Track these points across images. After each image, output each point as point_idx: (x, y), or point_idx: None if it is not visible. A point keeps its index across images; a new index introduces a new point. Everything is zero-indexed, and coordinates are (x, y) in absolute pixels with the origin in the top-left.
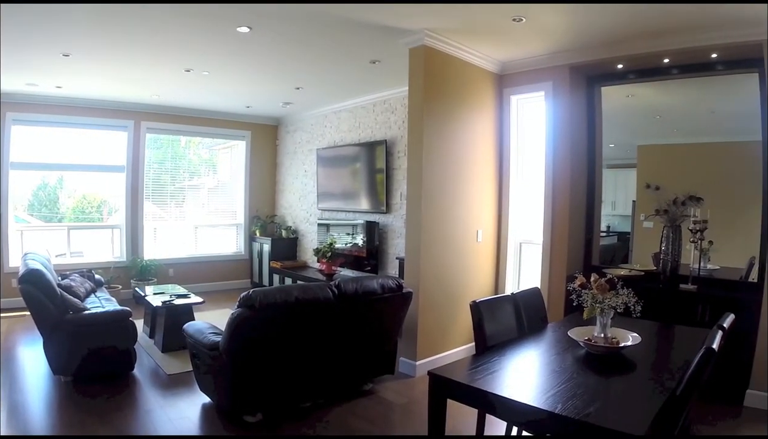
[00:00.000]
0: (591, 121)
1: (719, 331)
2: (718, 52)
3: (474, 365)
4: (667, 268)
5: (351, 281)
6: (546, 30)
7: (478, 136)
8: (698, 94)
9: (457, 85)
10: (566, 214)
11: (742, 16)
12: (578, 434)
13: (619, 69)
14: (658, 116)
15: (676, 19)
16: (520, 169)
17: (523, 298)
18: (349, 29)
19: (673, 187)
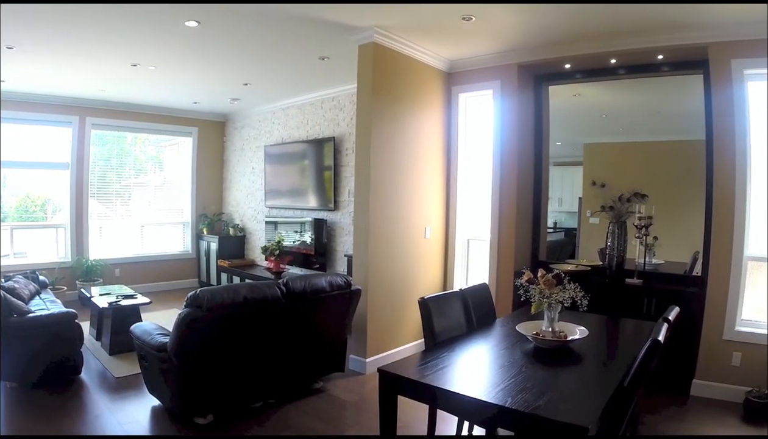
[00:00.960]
0: (538, 119)
1: (665, 323)
2: (664, 54)
3: (423, 361)
4: (613, 263)
5: (299, 279)
6: (495, 29)
7: (426, 133)
8: (644, 95)
9: (406, 82)
10: (513, 210)
11: (687, 20)
12: (528, 426)
13: (566, 69)
14: (605, 115)
15: (623, 21)
16: (468, 167)
17: (471, 294)
18: (299, 25)
19: (618, 185)
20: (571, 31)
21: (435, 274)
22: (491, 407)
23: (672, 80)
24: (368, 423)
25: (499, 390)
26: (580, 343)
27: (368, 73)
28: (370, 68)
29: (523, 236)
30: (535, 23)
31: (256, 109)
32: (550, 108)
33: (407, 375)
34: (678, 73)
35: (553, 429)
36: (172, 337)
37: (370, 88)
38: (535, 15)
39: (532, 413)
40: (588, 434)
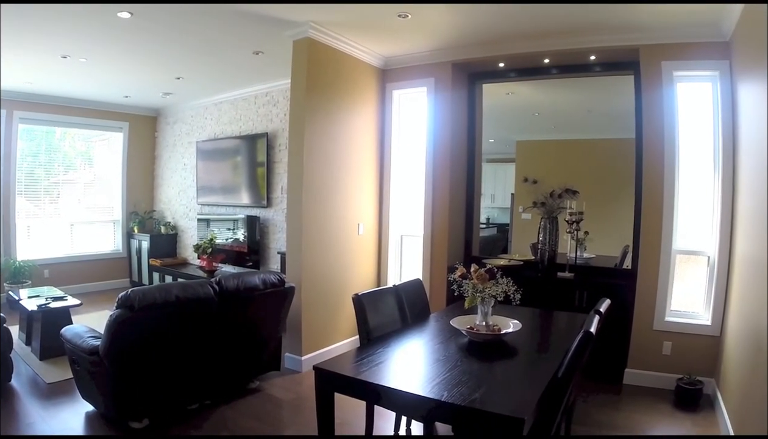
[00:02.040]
0: (471, 117)
1: (596, 315)
2: (596, 55)
3: (359, 357)
4: (545, 257)
5: (232, 277)
6: (430, 27)
7: (360, 130)
8: (576, 94)
9: (341, 78)
10: (446, 207)
11: (619, 22)
12: (465, 419)
13: (500, 67)
14: (537, 113)
15: (556, 22)
16: (401, 163)
17: (405, 289)
18: (233, 18)
19: (550, 181)
20: (505, 30)
21: (369, 270)
22: (428, 401)
23: (604, 80)
24: (306, 422)
25: (435, 384)
26: (513, 336)
27: (302, 69)
28: (304, 64)
29: (456, 232)
30: (470, 22)
31: (189, 104)
32: (484, 106)
33: (343, 372)
34: (610, 74)
35: (490, 421)
36: (104, 339)
37: (304, 83)
38: (470, 14)
39: (468, 406)
40: (524, 425)
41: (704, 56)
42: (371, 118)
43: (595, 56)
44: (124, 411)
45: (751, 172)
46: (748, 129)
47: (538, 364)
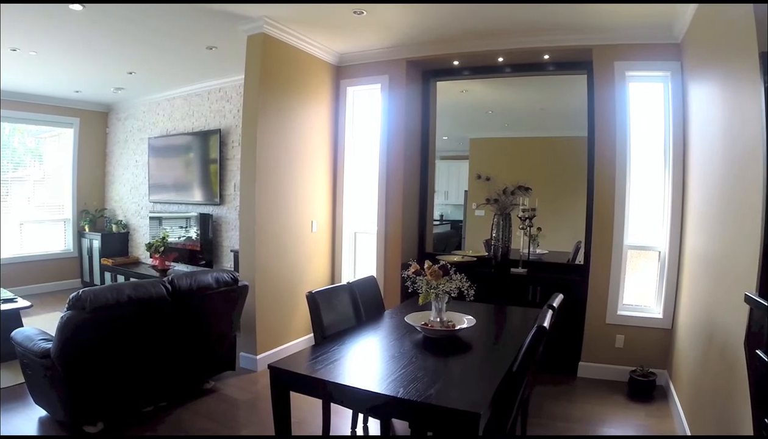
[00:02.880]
0: (425, 114)
1: (549, 310)
2: (550, 54)
3: (314, 355)
4: (499, 253)
5: (185, 276)
6: (386, 24)
7: (313, 127)
8: (530, 92)
9: (295, 75)
10: (400, 203)
11: (573, 22)
12: (422, 415)
13: (455, 65)
14: (491, 111)
15: (511, 22)
16: (355, 160)
17: (359, 286)
18: (187, 12)
19: (503, 178)
20: (460, 29)
21: (323, 267)
22: (384, 398)
23: (557, 79)
24: (262, 421)
25: (390, 381)
26: (468, 331)
27: (256, 65)
28: (258, 59)
29: (410, 229)
30: (425, 20)
31: (141, 99)
32: (438, 103)
33: (298, 371)
34: (563, 73)
35: (446, 416)
36: (55, 342)
37: (257, 79)
38: (425, 12)
39: (424, 401)
40: (480, 420)
41: (656, 57)
42: (325, 114)
43: (548, 56)
44: (78, 415)
45: (700, 170)
46: (697, 128)
47: (493, 359)
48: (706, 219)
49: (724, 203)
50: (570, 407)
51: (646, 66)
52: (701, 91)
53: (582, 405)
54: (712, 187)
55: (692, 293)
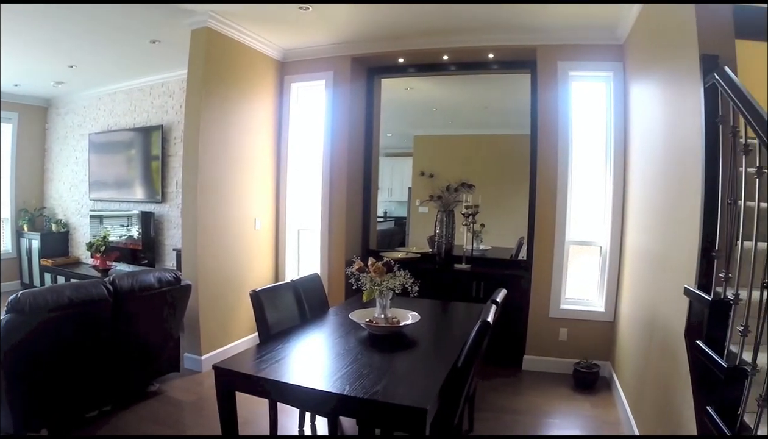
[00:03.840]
0: (370, 111)
1: (493, 305)
2: (494, 53)
3: (259, 354)
4: (442, 250)
5: (126, 276)
6: (331, 20)
7: (257, 123)
8: (474, 90)
9: (239, 70)
10: (344, 200)
11: (517, 22)
12: (369, 412)
13: (400, 63)
14: (435, 109)
15: (456, 20)
16: (299, 157)
17: (303, 284)
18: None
19: (446, 175)
20: (405, 26)
21: (266, 266)
22: (330, 396)
23: (501, 78)
24: (208, 423)
25: (336, 379)
26: (413, 328)
27: (200, 60)
28: (202, 54)
29: (354, 226)
30: (371, 17)
31: (82, 94)
32: (383, 100)
33: (243, 370)
34: (507, 72)
35: (393, 413)
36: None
37: (200, 74)
38: (371, 9)
39: (371, 398)
40: (427, 415)
41: (599, 58)
42: (269, 110)
43: (493, 54)
44: (20, 422)
45: (641, 168)
46: (638, 128)
47: (438, 354)
48: (646, 215)
49: (665, 200)
50: (516, 399)
51: (589, 66)
52: (643, 92)
53: (528, 397)
54: (652, 185)
55: (633, 286)
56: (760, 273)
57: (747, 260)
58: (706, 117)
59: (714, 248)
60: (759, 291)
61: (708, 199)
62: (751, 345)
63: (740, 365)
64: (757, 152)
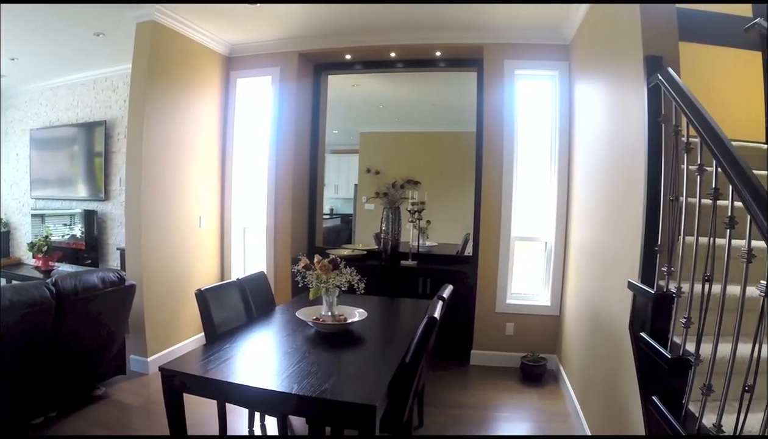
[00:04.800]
0: (316, 107)
1: (440, 301)
2: (441, 51)
3: (206, 355)
4: (389, 246)
5: (69, 276)
6: (279, 16)
7: (202, 119)
8: (421, 87)
9: (184, 65)
10: (290, 197)
11: (464, 21)
12: (318, 411)
13: (347, 59)
14: (382, 106)
15: (403, 18)
16: (244, 154)
17: (249, 282)
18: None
19: (392, 172)
20: (353, 23)
21: (212, 264)
22: (279, 395)
23: (448, 75)
24: (157, 426)
25: (284, 378)
26: (360, 325)
27: (145, 53)
28: (147, 48)
29: (300, 223)
30: (319, 13)
31: (22, 88)
32: (329, 97)
33: (190, 372)
34: (454, 70)
35: (342, 410)
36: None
37: (145, 69)
38: (319, 5)
39: (319, 397)
40: (376, 412)
41: (546, 57)
42: (214, 106)
43: (440, 52)
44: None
45: (586, 166)
46: (582, 126)
47: (386, 351)
48: (591, 211)
49: (609, 197)
50: (464, 394)
51: (536, 65)
52: (588, 91)
53: (476, 392)
54: (597, 182)
55: (578, 281)
56: (701, 267)
57: (689, 254)
58: (650, 116)
59: (657, 242)
60: (701, 284)
61: (651, 195)
62: (693, 336)
63: (684, 356)
64: (698, 150)
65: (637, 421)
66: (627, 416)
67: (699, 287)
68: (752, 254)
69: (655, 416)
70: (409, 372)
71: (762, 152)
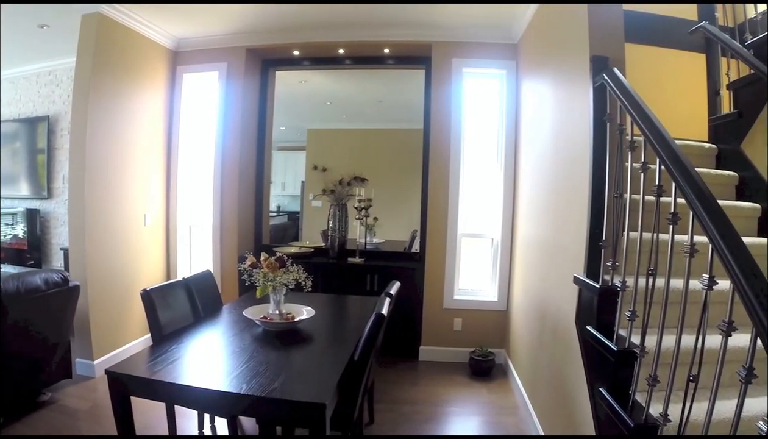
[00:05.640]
0: (263, 104)
1: (387, 298)
2: (390, 48)
3: (153, 356)
4: (336, 244)
5: (11, 278)
6: (226, 10)
7: (147, 114)
8: (369, 85)
9: (130, 59)
10: (236, 195)
11: (413, 18)
12: (267, 410)
13: (295, 55)
14: (329, 102)
15: (353, 14)
16: (190, 150)
17: (195, 282)
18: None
19: (340, 169)
20: (301, 19)
21: (158, 263)
22: (228, 396)
23: (396, 73)
24: (105, 431)
25: (233, 378)
26: (308, 323)
27: (89, 47)
28: (92, 41)
29: (247, 221)
30: (267, 8)
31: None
32: (277, 93)
33: (137, 374)
34: (402, 67)
35: (292, 409)
36: None
37: (90, 63)
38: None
39: (268, 396)
40: (326, 410)
41: (494, 56)
42: (160, 102)
43: (389, 49)
44: None
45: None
46: (529, 124)
47: (335, 348)
48: (537, 208)
49: (555, 194)
50: (414, 390)
51: (484, 63)
52: (535, 89)
53: (426, 387)
54: (543, 179)
55: (525, 276)
56: (645, 261)
57: (633, 249)
58: (595, 115)
59: (601, 238)
60: (645, 278)
61: (596, 192)
62: (638, 329)
63: (629, 348)
64: (642, 149)
65: (586, 412)
66: (575, 408)
67: (643, 281)
68: (695, 248)
69: (602, 406)
70: (358, 369)
71: (705, 151)
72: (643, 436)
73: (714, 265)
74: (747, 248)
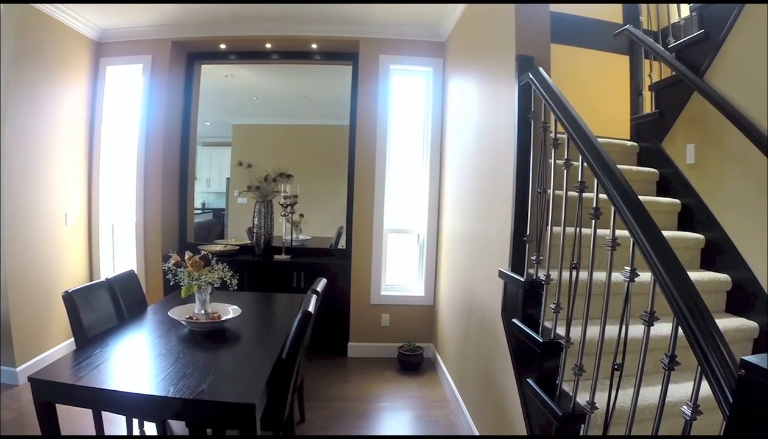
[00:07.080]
0: (188, 98)
1: (314, 295)
2: (317, 44)
3: (76, 361)
4: (261, 241)
5: None
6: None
7: (69, 108)
8: (295, 80)
9: (52, 49)
10: (159, 192)
11: (341, 15)
12: (196, 413)
13: (221, 49)
14: (255, 97)
15: (280, 9)
16: (113, 146)
17: (118, 282)
18: None
19: (265, 165)
20: (228, 12)
21: (80, 263)
22: (155, 399)
23: (323, 68)
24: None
25: (160, 381)
26: (234, 322)
27: (9, 36)
28: (12, 30)
29: (171, 219)
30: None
31: None
32: (202, 88)
33: (61, 380)
34: (330, 63)
35: (221, 411)
36: None
37: (9, 52)
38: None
39: (197, 398)
40: (255, 410)
41: (421, 53)
42: (82, 95)
43: (316, 45)
44: None
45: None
46: (455, 121)
47: (263, 347)
48: (463, 204)
49: (480, 190)
50: (344, 386)
51: (411, 61)
52: (461, 87)
53: (356, 384)
54: (468, 175)
55: (451, 271)
56: (568, 255)
57: (556, 243)
58: (520, 113)
59: (526, 233)
60: (568, 271)
61: (520, 188)
62: (563, 321)
63: (555, 340)
64: (565, 146)
65: (514, 402)
66: (504, 398)
67: (567, 274)
68: (617, 242)
69: (530, 396)
70: (286, 368)
71: (627, 148)
72: (571, 424)
73: (635, 258)
74: (667, 241)
